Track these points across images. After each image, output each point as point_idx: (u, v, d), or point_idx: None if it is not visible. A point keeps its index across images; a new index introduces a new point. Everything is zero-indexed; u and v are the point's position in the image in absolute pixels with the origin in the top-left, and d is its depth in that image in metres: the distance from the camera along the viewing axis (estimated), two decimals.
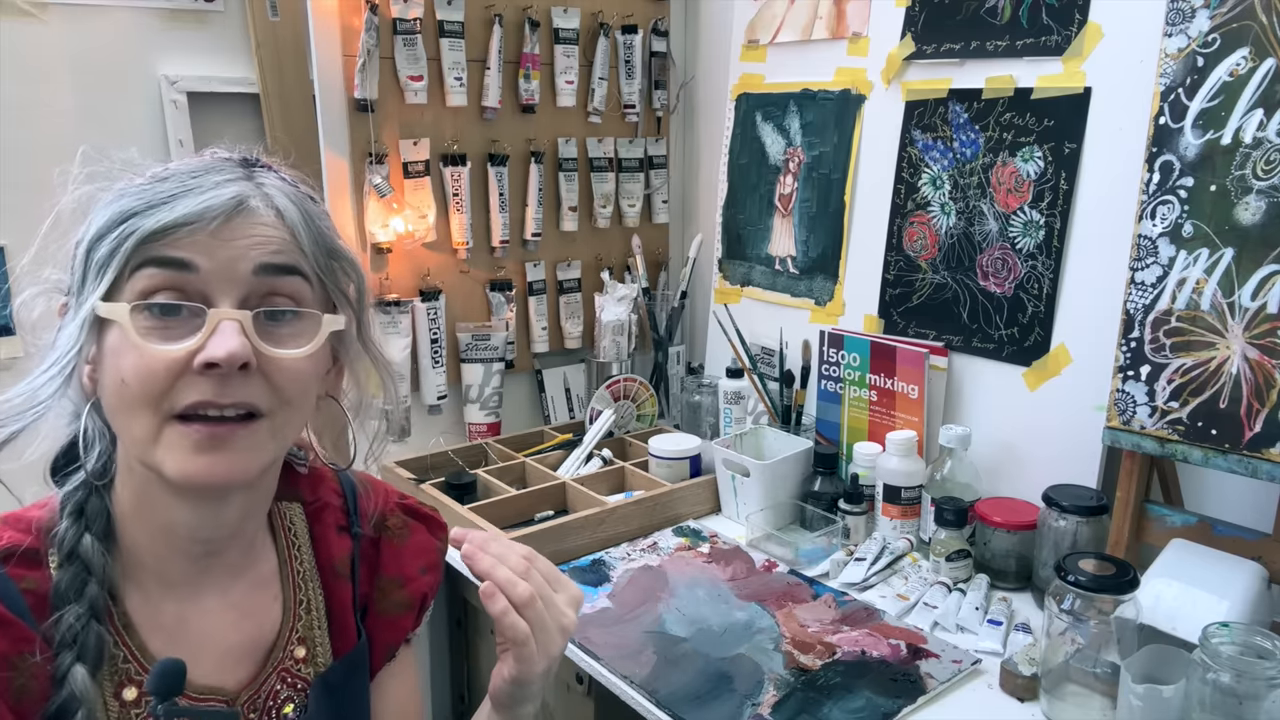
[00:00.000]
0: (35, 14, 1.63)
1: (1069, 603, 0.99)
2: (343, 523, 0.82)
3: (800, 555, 1.36)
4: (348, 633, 0.80)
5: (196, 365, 0.62)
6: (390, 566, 0.83)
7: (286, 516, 0.80)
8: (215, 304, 0.64)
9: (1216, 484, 1.26)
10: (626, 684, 1.08)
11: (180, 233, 0.63)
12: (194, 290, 0.64)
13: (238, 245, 0.64)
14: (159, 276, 0.63)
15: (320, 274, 0.69)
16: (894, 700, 1.03)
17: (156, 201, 0.64)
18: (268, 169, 0.71)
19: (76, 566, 0.66)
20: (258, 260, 0.65)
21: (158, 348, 0.62)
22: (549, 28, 1.75)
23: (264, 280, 0.65)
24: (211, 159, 0.69)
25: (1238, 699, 0.84)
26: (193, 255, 0.63)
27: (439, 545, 0.88)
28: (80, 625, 0.64)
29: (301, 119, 1.82)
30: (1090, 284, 1.30)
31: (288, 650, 0.76)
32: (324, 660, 0.78)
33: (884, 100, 1.55)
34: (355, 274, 0.74)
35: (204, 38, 1.79)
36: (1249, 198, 1.05)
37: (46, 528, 0.67)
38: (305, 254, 0.68)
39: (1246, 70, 1.06)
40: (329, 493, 0.83)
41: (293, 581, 0.78)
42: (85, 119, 1.69)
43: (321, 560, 0.80)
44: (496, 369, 1.75)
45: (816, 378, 1.58)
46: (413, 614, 0.85)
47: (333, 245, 0.71)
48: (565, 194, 1.83)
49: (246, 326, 0.63)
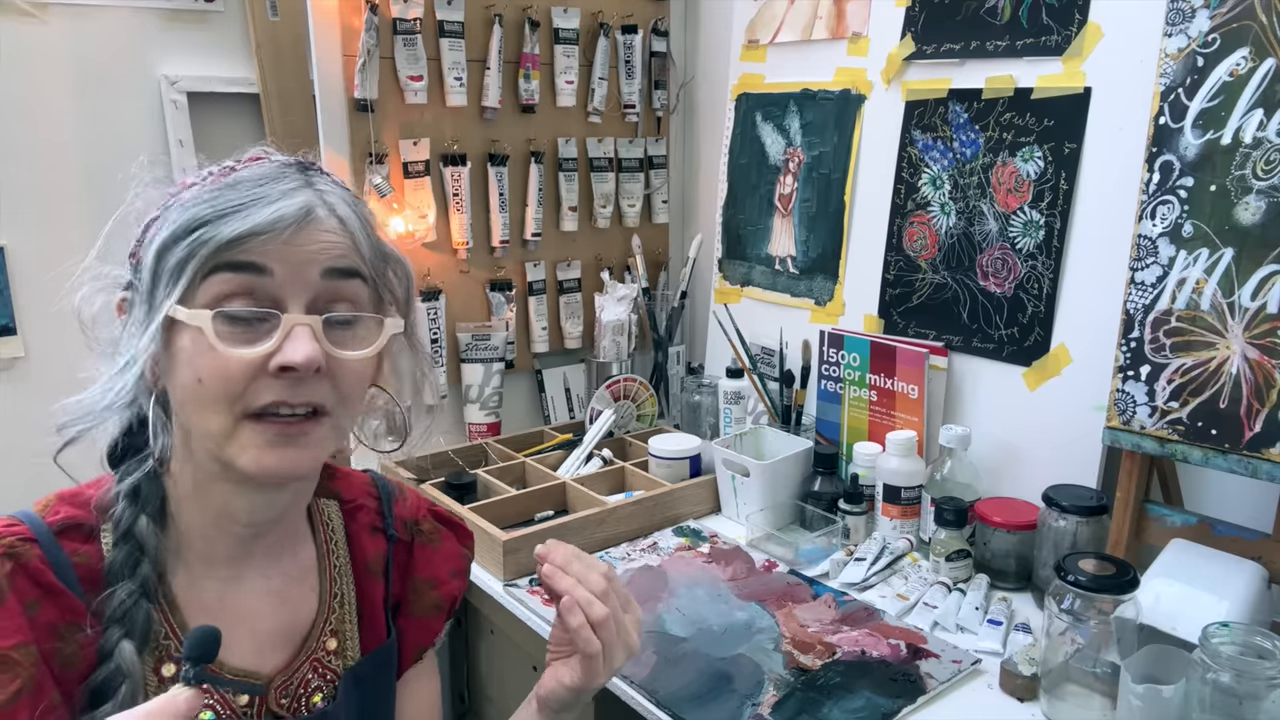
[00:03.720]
0: (35, 14, 1.63)
1: (1069, 603, 0.99)
2: (377, 524, 0.86)
3: (800, 555, 1.36)
4: (377, 630, 0.83)
5: (272, 368, 0.65)
6: (424, 569, 0.87)
7: (325, 513, 0.84)
8: (286, 308, 0.67)
9: (1216, 484, 1.26)
10: (626, 684, 1.08)
11: (254, 241, 0.66)
12: (265, 295, 0.67)
13: (307, 251, 0.68)
14: (234, 281, 0.66)
15: (375, 276, 0.73)
16: (894, 700, 1.03)
17: (228, 210, 0.66)
18: (321, 173, 0.74)
19: (131, 545, 0.69)
20: (325, 265, 0.68)
21: (235, 351, 0.65)
22: (549, 28, 1.75)
23: (330, 284, 0.69)
24: (273, 165, 0.71)
25: (1238, 699, 0.84)
26: (266, 261, 0.66)
27: (466, 553, 0.92)
28: (131, 602, 0.67)
29: (301, 119, 1.82)
30: (1090, 284, 1.30)
31: (320, 640, 0.79)
32: (353, 654, 0.81)
33: (884, 100, 1.55)
34: (405, 275, 0.77)
35: (204, 38, 1.79)
36: (1249, 198, 1.05)
37: (101, 505, 0.70)
38: (364, 258, 0.71)
39: (1246, 70, 1.06)
40: (364, 495, 0.87)
41: (329, 575, 0.81)
42: (85, 119, 1.69)
43: (356, 557, 0.83)
44: (496, 369, 1.75)
45: (816, 378, 1.58)
46: (443, 617, 0.89)
47: (385, 249, 0.75)
48: (565, 194, 1.83)
49: (318, 331, 0.67)
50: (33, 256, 1.64)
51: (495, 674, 1.54)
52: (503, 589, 1.29)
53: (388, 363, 0.79)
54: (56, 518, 0.69)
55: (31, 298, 1.65)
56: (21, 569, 0.65)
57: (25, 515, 0.69)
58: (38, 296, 1.65)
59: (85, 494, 0.71)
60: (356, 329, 0.71)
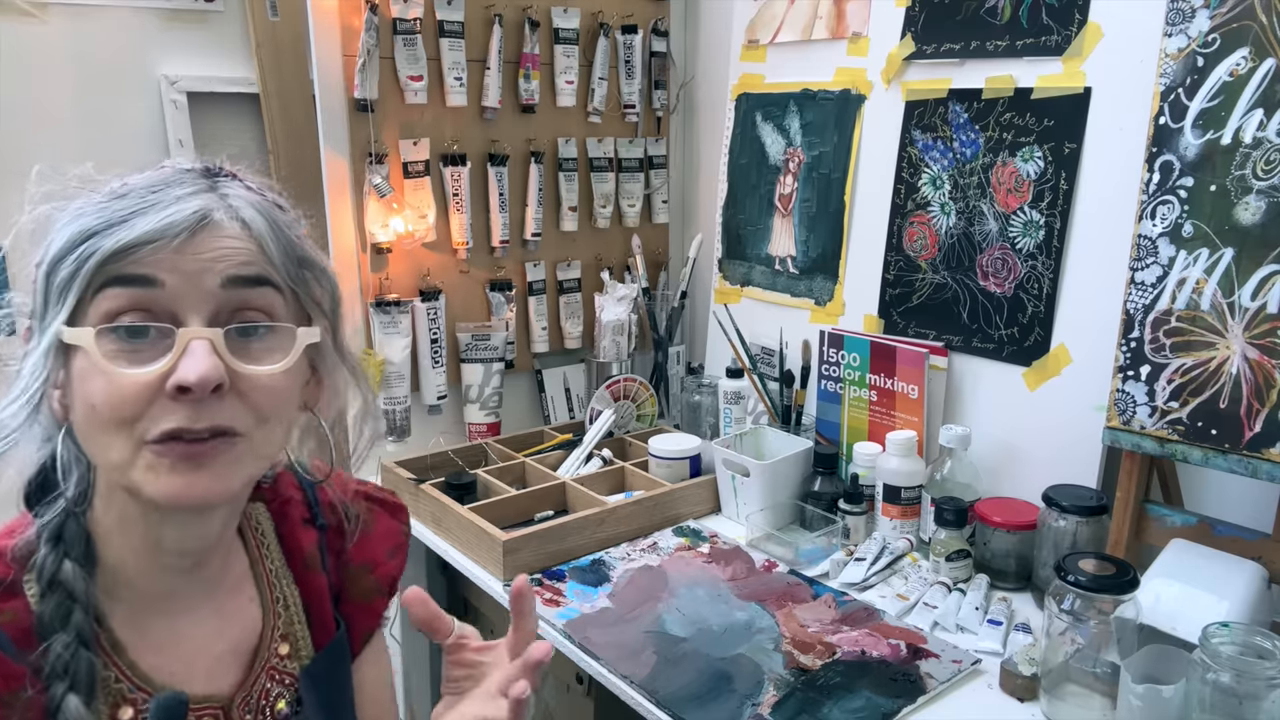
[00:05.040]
0: (35, 14, 1.63)
1: (1069, 603, 0.99)
2: (306, 515, 0.82)
3: (800, 555, 1.36)
4: (326, 624, 0.80)
5: (168, 389, 0.60)
6: (359, 552, 0.84)
7: (252, 518, 0.79)
8: (184, 323, 0.62)
9: (1216, 484, 1.26)
10: (626, 684, 1.08)
11: (143, 251, 0.61)
12: (161, 309, 0.62)
13: (203, 259, 0.62)
14: (123, 296, 0.61)
15: (292, 284, 0.67)
16: (894, 700, 1.03)
17: (116, 220, 0.61)
18: (232, 178, 0.69)
19: (60, 594, 0.64)
20: (225, 273, 0.63)
21: (126, 371, 0.60)
22: (549, 28, 1.75)
23: (234, 294, 0.64)
24: (172, 171, 0.67)
25: (1238, 699, 0.84)
26: (157, 272, 0.61)
27: (402, 529, 0.89)
28: (69, 654, 0.63)
29: (301, 119, 1.82)
30: (1090, 284, 1.30)
31: (272, 649, 0.76)
32: (307, 654, 0.79)
33: (884, 100, 1.55)
34: (328, 282, 0.72)
35: (204, 38, 1.79)
36: (1249, 198, 1.05)
37: (19, 555, 0.65)
38: (275, 265, 0.66)
39: (1246, 70, 1.06)
40: (289, 488, 0.82)
41: (266, 580, 0.78)
42: (85, 119, 1.69)
43: (291, 556, 0.80)
44: (496, 369, 1.75)
45: (816, 378, 1.58)
46: (385, 597, 0.86)
47: (303, 254, 0.69)
48: (565, 194, 1.83)
49: (218, 345, 0.62)
50: None
51: None
52: (503, 589, 1.29)
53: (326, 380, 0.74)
54: None
55: None
56: None
57: None
58: None
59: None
60: (269, 341, 0.65)
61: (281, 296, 0.67)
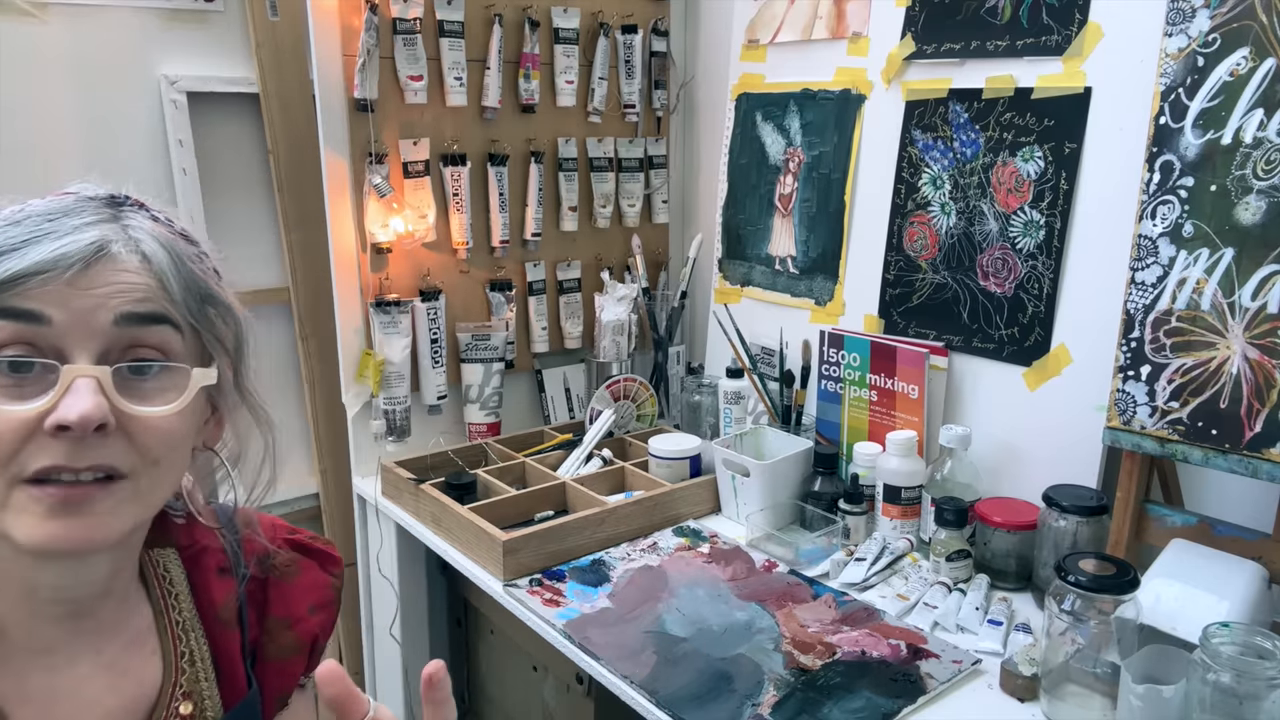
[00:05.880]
0: (35, 14, 1.63)
1: (1069, 603, 0.99)
2: (224, 564, 0.76)
3: (800, 555, 1.36)
4: (237, 683, 0.74)
5: (48, 427, 0.57)
6: (278, 607, 0.78)
7: (160, 564, 0.74)
8: (71, 359, 0.58)
9: (1216, 484, 1.26)
10: (626, 684, 1.08)
11: (32, 282, 0.57)
12: (48, 345, 0.58)
13: (96, 294, 0.59)
14: (8, 330, 0.58)
15: (193, 321, 0.64)
16: (894, 700, 1.03)
17: (7, 248, 0.58)
18: (139, 207, 0.66)
19: None
20: (118, 310, 0.60)
21: (5, 408, 0.57)
22: (549, 27, 1.75)
23: (126, 331, 0.60)
24: (74, 200, 0.63)
25: (1238, 699, 0.84)
26: (44, 307, 0.58)
27: (332, 582, 0.82)
28: None
29: (301, 119, 1.82)
30: (1090, 284, 1.30)
31: (171, 708, 0.70)
32: (214, 714, 0.72)
33: (884, 100, 1.55)
34: (233, 320, 0.68)
35: (204, 38, 1.79)
36: (1249, 198, 1.05)
37: None
38: (174, 301, 0.63)
39: (1247, 70, 1.06)
40: (206, 535, 0.76)
41: (171, 633, 0.72)
42: (85, 119, 1.69)
43: (203, 607, 0.74)
44: (496, 369, 1.75)
45: (816, 378, 1.58)
46: (303, 658, 0.79)
47: (206, 290, 0.66)
48: (565, 194, 1.83)
49: (105, 383, 0.59)
50: None
51: (495, 674, 1.54)
52: (502, 589, 1.29)
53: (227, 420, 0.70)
54: None
55: None
56: None
57: None
58: None
59: None
60: (161, 381, 0.62)
61: (180, 334, 0.63)
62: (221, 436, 0.72)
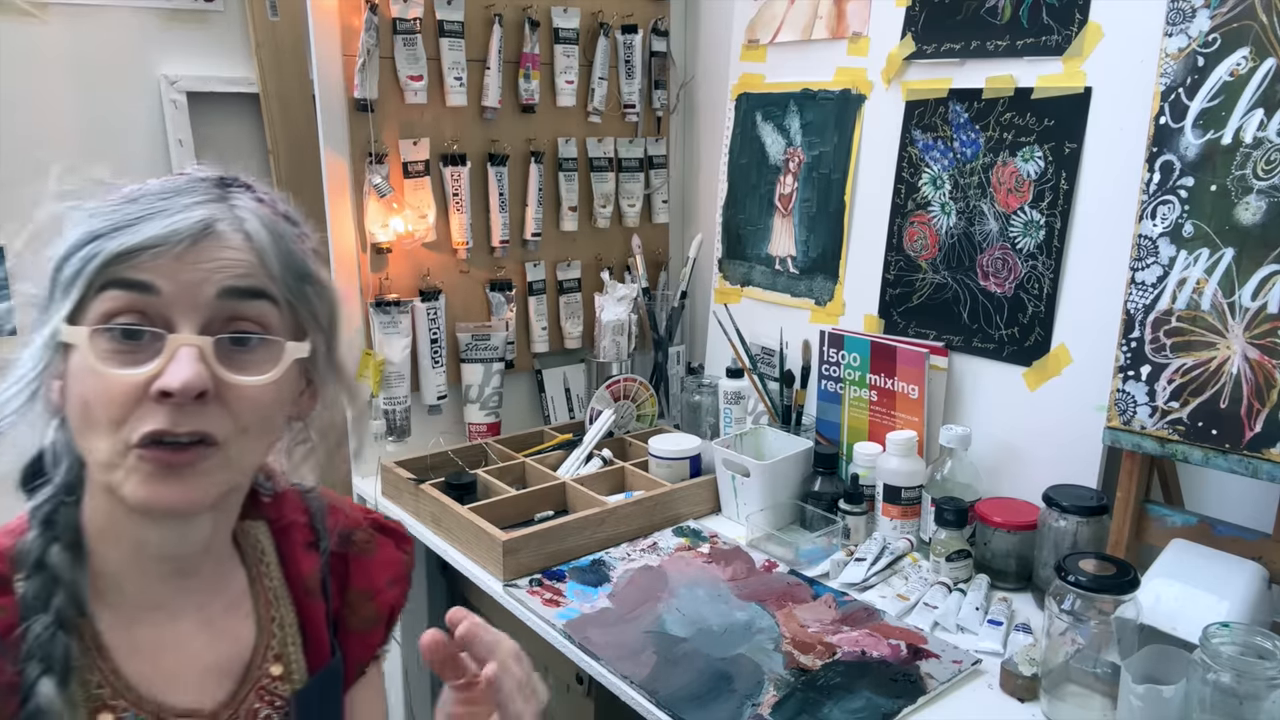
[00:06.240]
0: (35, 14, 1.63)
1: (1069, 603, 0.99)
2: (310, 540, 0.82)
3: (800, 555, 1.36)
4: (322, 650, 0.80)
5: (152, 392, 0.61)
6: (359, 580, 0.84)
7: (252, 535, 0.79)
8: (177, 329, 0.63)
9: (1216, 484, 1.26)
10: (626, 684, 1.08)
11: (144, 256, 0.62)
12: (156, 314, 0.63)
13: (202, 269, 0.64)
14: (121, 299, 0.63)
15: (290, 298, 0.68)
16: (894, 700, 1.03)
17: (123, 224, 0.63)
18: (246, 189, 0.70)
19: (44, 577, 0.65)
20: (221, 284, 0.64)
21: (117, 372, 0.62)
22: (549, 27, 1.75)
23: (228, 304, 0.65)
24: (186, 180, 0.68)
25: (1238, 699, 0.84)
26: (155, 278, 0.62)
27: (405, 559, 0.88)
28: (48, 635, 0.63)
29: (301, 119, 1.82)
30: (1090, 284, 1.30)
31: (263, 668, 0.75)
32: (300, 678, 0.77)
33: (884, 100, 1.55)
34: (328, 297, 0.73)
35: (204, 38, 1.79)
36: (1249, 198, 1.05)
37: (15, 555, 0.66)
38: (273, 278, 0.67)
39: (1247, 70, 1.06)
40: (294, 510, 0.82)
41: (264, 598, 0.78)
42: (85, 119, 1.69)
43: (291, 578, 0.80)
44: (496, 369, 1.74)
45: (816, 378, 1.58)
46: (382, 628, 0.85)
47: (304, 268, 0.70)
48: (565, 194, 1.83)
49: (206, 353, 0.63)
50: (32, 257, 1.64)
51: None
52: (502, 589, 1.29)
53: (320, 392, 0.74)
54: None
55: None
56: None
57: None
58: None
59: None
60: (258, 353, 0.66)
61: (277, 309, 0.67)
62: (314, 409, 0.75)
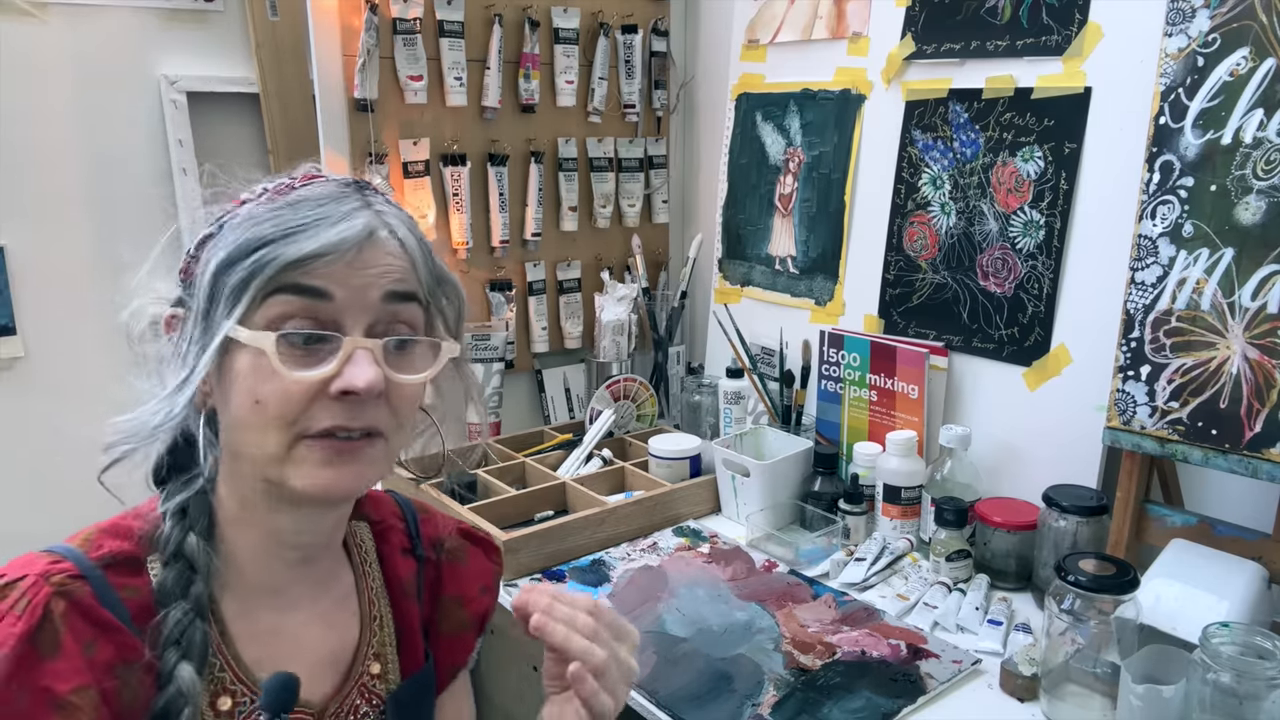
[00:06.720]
0: (35, 14, 1.63)
1: (1069, 603, 0.99)
2: (406, 545, 0.85)
3: (800, 555, 1.36)
4: (415, 653, 0.82)
5: (333, 391, 0.65)
6: (451, 587, 0.86)
7: (357, 535, 0.82)
8: (347, 331, 0.66)
9: (1216, 484, 1.26)
10: None
11: (319, 263, 0.65)
12: (327, 318, 0.66)
13: (369, 274, 0.67)
14: (295, 304, 0.65)
15: (431, 299, 0.72)
16: (894, 700, 1.03)
17: (291, 230, 0.65)
18: (376, 193, 0.73)
19: (182, 565, 0.68)
20: (385, 288, 0.67)
21: (297, 374, 0.64)
22: (549, 27, 1.75)
23: (389, 307, 0.68)
24: (333, 185, 0.70)
25: (1238, 699, 0.84)
26: (329, 284, 0.65)
27: (495, 569, 0.91)
28: (187, 621, 0.66)
29: (301, 119, 1.82)
30: (1090, 284, 1.30)
31: (365, 665, 0.78)
32: (394, 678, 0.80)
33: (884, 100, 1.55)
34: (458, 298, 0.76)
35: (204, 38, 1.79)
36: (1249, 198, 1.05)
37: (146, 536, 0.69)
38: (421, 281, 0.70)
39: (1246, 70, 1.06)
40: (391, 515, 0.86)
41: (367, 597, 0.80)
42: (85, 119, 1.69)
43: (390, 579, 0.82)
44: (496, 369, 1.74)
45: (816, 378, 1.58)
46: (474, 633, 0.87)
47: (441, 271, 0.74)
48: (565, 194, 1.83)
49: (378, 355, 0.66)
50: (32, 256, 1.64)
51: (495, 674, 1.54)
52: (503, 589, 1.29)
53: (433, 386, 0.77)
54: (101, 552, 0.66)
55: (31, 298, 1.65)
56: (74, 607, 0.62)
57: (67, 551, 0.65)
58: (38, 296, 1.65)
59: (126, 525, 0.69)
60: (413, 353, 0.70)
61: (424, 310, 0.71)
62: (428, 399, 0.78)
